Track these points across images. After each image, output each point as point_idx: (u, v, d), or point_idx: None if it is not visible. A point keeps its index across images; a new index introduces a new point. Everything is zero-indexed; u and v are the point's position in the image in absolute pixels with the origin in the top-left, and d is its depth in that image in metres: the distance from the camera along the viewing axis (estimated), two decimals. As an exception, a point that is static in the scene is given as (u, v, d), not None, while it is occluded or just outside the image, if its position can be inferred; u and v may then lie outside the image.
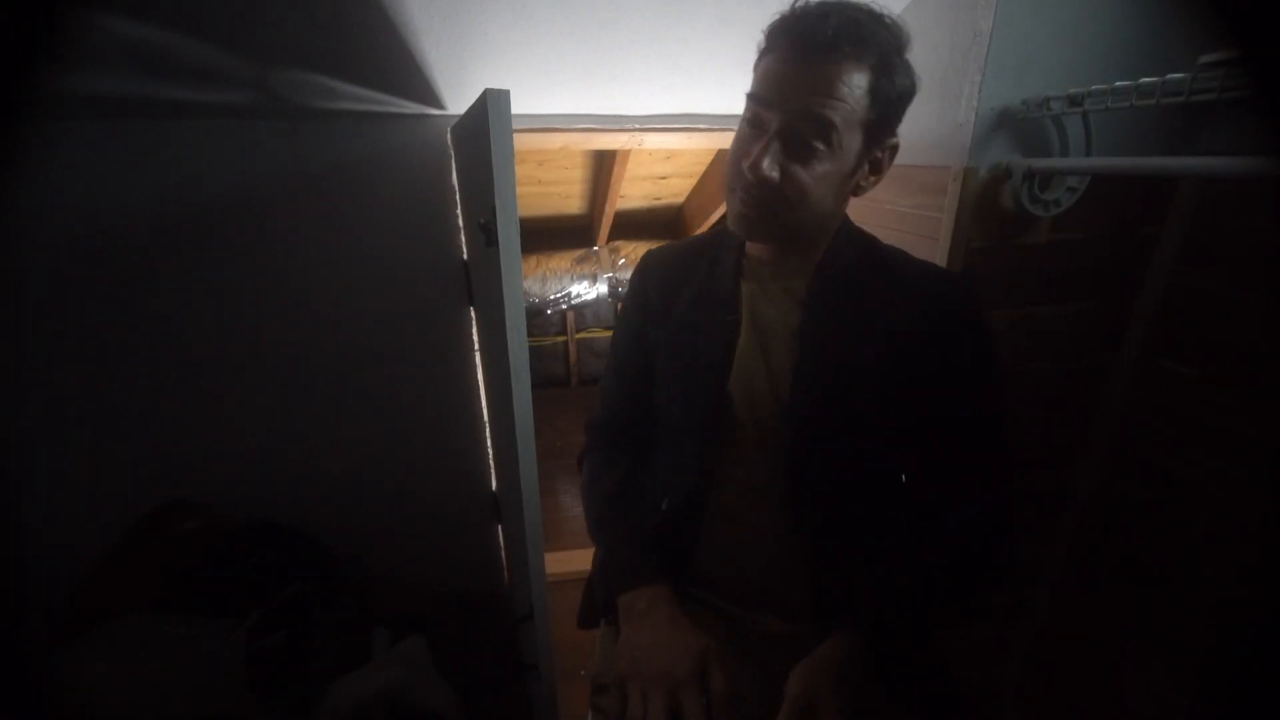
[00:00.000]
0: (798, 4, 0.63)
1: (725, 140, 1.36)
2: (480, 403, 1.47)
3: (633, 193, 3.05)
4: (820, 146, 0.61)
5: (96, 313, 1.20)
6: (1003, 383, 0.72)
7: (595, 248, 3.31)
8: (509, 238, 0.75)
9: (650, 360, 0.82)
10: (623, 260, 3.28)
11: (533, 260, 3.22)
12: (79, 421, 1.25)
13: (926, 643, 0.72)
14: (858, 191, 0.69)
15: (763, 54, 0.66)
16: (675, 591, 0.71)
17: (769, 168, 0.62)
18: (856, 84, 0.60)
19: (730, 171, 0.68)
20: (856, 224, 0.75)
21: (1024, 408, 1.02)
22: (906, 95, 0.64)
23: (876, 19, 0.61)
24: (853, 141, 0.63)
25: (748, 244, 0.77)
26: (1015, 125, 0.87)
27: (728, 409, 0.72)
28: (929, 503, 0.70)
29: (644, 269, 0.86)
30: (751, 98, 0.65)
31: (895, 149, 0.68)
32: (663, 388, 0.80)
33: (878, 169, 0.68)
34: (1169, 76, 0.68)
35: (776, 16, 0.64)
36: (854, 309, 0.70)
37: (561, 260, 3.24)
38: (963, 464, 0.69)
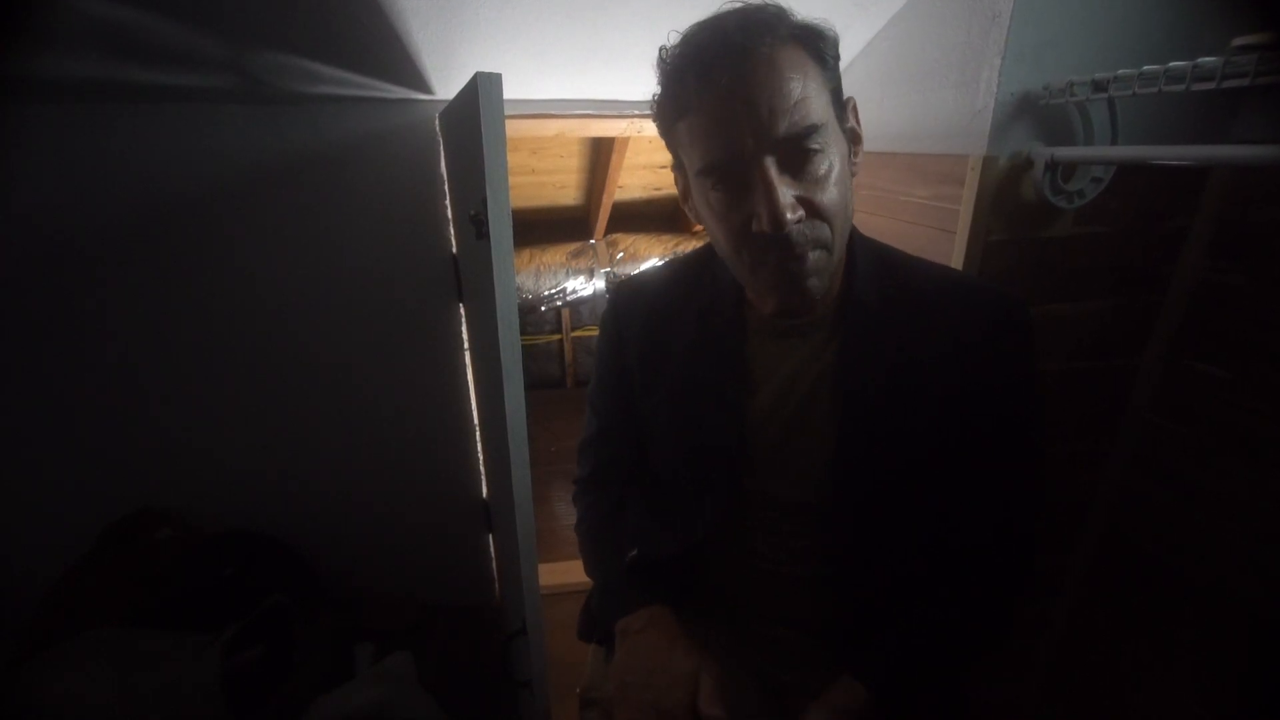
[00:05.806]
0: (666, 50, 0.58)
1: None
2: (470, 405, 1.47)
3: (631, 183, 3.05)
4: (815, 148, 0.55)
5: (61, 308, 1.20)
6: (1043, 413, 0.70)
7: (592, 241, 3.31)
8: (501, 230, 0.75)
9: (639, 424, 0.78)
10: (621, 254, 3.28)
11: (526, 254, 3.22)
12: (44, 424, 1.25)
13: (945, 693, 0.71)
14: (855, 171, 0.63)
15: (675, 120, 0.59)
16: (676, 610, 0.71)
17: (790, 209, 0.54)
18: (798, 61, 0.55)
19: (741, 249, 0.60)
20: (863, 220, 0.74)
21: (1045, 410, 1.01)
22: (831, 35, 0.58)
23: (753, 4, 0.57)
24: (831, 119, 0.57)
25: (748, 291, 0.70)
26: (1036, 112, 0.87)
27: (746, 473, 0.70)
28: (958, 528, 0.69)
29: (617, 312, 0.79)
30: (707, 172, 0.58)
31: (854, 105, 0.63)
32: (663, 454, 0.77)
33: (857, 138, 0.63)
34: (1200, 60, 0.67)
35: (656, 86, 0.59)
36: (893, 351, 0.65)
37: (556, 254, 3.24)
38: (996, 492, 0.68)
